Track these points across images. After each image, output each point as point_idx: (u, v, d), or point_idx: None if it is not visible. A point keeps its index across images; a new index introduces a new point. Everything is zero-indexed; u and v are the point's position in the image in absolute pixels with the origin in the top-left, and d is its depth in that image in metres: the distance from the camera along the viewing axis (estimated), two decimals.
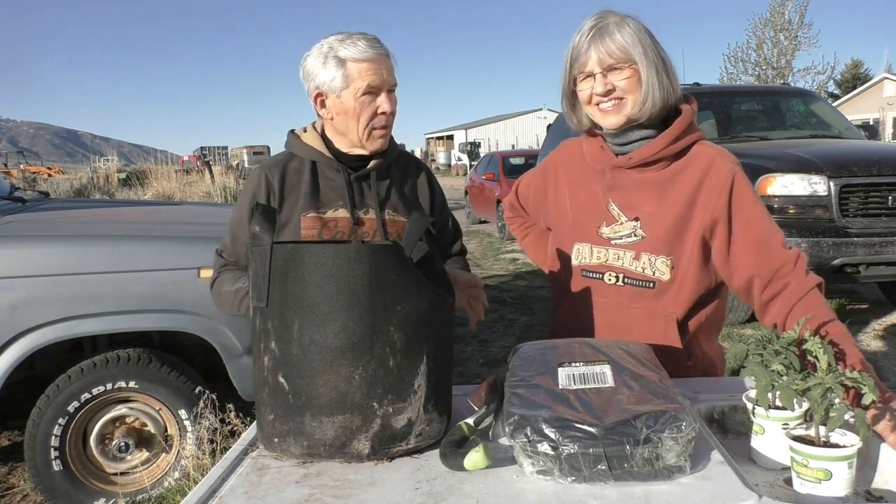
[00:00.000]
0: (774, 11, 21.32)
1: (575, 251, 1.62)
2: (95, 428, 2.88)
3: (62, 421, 2.77)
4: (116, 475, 2.91)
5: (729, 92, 7.65)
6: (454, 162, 45.59)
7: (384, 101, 1.63)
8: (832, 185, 4.85)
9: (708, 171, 1.49)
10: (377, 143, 1.68)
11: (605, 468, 0.98)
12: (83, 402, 2.80)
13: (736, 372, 1.32)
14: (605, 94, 1.47)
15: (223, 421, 2.70)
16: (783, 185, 4.92)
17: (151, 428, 2.94)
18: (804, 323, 1.24)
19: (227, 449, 1.21)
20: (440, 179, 1.89)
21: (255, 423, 1.19)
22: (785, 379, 1.10)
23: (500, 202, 12.23)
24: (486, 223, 14.61)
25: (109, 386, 2.82)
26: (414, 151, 56.94)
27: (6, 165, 34.13)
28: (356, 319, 1.05)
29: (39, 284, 2.70)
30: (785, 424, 1.12)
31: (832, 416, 1.02)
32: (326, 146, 1.71)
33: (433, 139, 67.48)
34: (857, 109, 29.28)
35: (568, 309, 1.66)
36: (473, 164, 22.08)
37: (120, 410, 2.89)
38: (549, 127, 10.09)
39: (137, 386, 2.84)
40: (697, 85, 7.13)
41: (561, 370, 1.14)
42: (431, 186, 1.87)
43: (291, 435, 1.07)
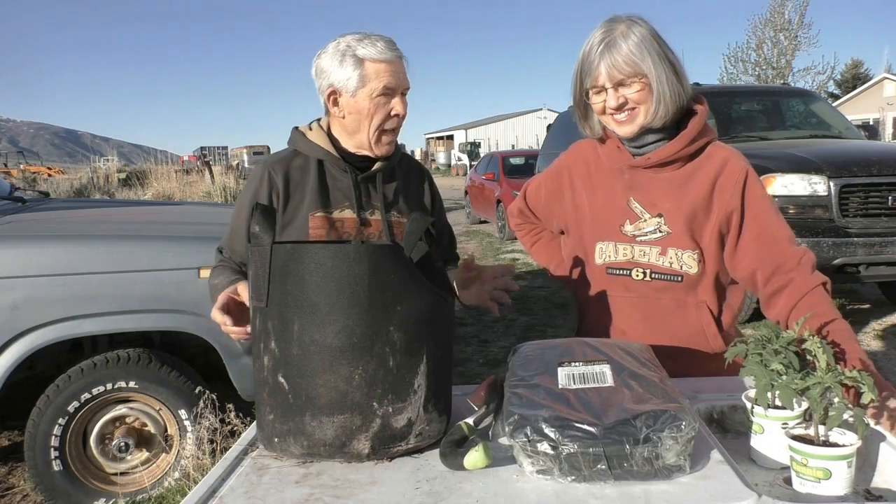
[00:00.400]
0: (774, 11, 21.33)
1: (598, 250, 1.63)
2: (95, 428, 2.88)
3: (62, 421, 2.77)
4: (116, 475, 2.91)
5: (729, 92, 7.65)
6: (454, 162, 45.59)
7: (398, 103, 1.63)
8: (832, 185, 4.85)
9: (722, 169, 1.55)
10: (384, 148, 1.68)
11: (604, 468, 0.98)
12: (83, 402, 2.80)
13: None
14: (617, 107, 1.51)
15: (223, 421, 2.70)
16: (783, 185, 4.92)
17: (151, 428, 2.94)
18: (807, 320, 1.28)
19: (227, 449, 1.21)
20: (440, 179, 1.90)
21: (255, 423, 1.19)
22: (784, 378, 1.10)
23: (500, 202, 12.23)
24: (486, 223, 14.62)
25: (109, 386, 2.82)
26: (414, 152, 56.94)
27: (6, 165, 34.14)
28: (356, 319, 1.05)
29: (39, 284, 2.70)
30: (784, 424, 1.12)
31: (831, 415, 1.02)
32: (333, 145, 1.70)
33: (433, 139, 67.48)
34: (857, 109, 29.28)
35: (600, 308, 1.65)
36: (473, 164, 22.08)
37: (120, 410, 2.90)
38: (549, 127, 10.09)
39: (137, 386, 2.85)
40: (697, 85, 7.13)
41: (561, 370, 1.14)
42: (432, 190, 1.89)
43: (291, 435, 1.08)
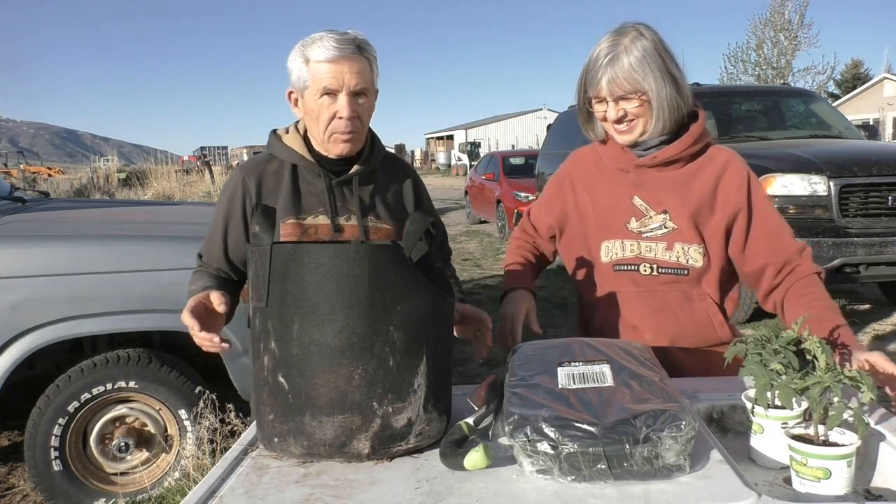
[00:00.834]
0: (774, 11, 21.32)
1: (604, 249, 1.67)
2: (95, 428, 2.88)
3: (62, 421, 2.77)
4: (116, 475, 2.91)
5: (729, 92, 7.65)
6: (454, 162, 45.57)
7: (343, 105, 1.55)
8: (832, 185, 4.85)
9: (725, 169, 1.61)
10: (339, 147, 1.61)
11: (604, 467, 0.98)
12: (83, 402, 2.79)
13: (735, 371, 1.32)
14: (617, 120, 1.56)
15: (223, 421, 2.70)
16: (783, 185, 4.92)
17: (151, 428, 2.94)
18: (798, 298, 1.51)
19: (227, 449, 1.21)
20: (440, 180, 1.87)
21: (255, 423, 1.19)
22: (784, 378, 1.10)
23: (500, 202, 12.22)
24: (486, 223, 14.61)
25: (109, 386, 2.81)
26: (414, 152, 56.86)
27: (6, 165, 34.13)
28: (356, 319, 1.05)
29: (39, 284, 2.70)
30: (784, 423, 1.12)
31: (831, 414, 1.02)
32: (309, 149, 1.66)
33: (433, 139, 67.47)
34: (857, 109, 29.27)
35: (609, 305, 1.68)
36: (473, 164, 22.07)
37: (120, 410, 2.89)
38: (549, 127, 10.08)
39: (137, 386, 2.84)
40: (697, 85, 7.13)
41: (560, 370, 1.15)
42: (417, 191, 1.80)
43: (291, 435, 1.08)
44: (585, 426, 0.99)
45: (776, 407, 1.14)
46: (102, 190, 16.32)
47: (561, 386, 1.10)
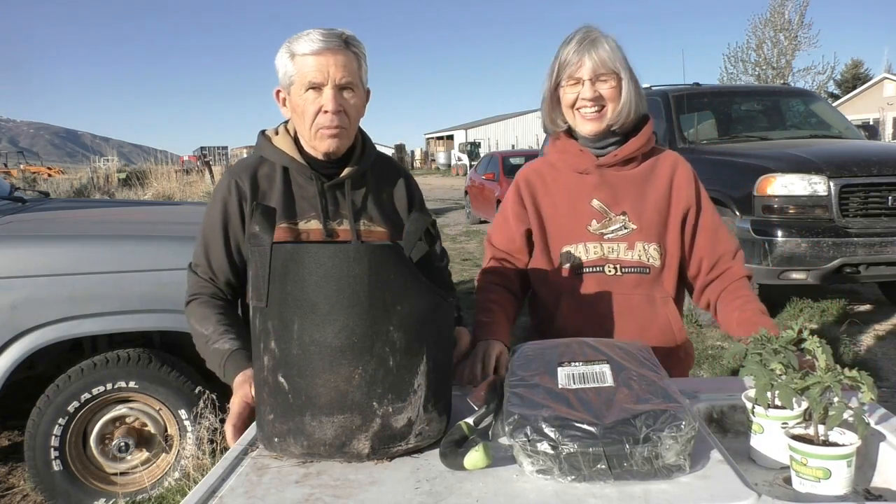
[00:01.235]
0: (774, 11, 21.32)
1: (565, 254, 1.69)
2: (95, 428, 2.87)
3: (62, 421, 2.77)
4: (116, 475, 2.91)
5: (729, 92, 7.66)
6: (454, 162, 45.54)
7: (328, 98, 1.50)
8: (832, 185, 4.84)
9: (675, 167, 1.72)
10: (325, 143, 1.56)
11: (604, 467, 0.98)
12: (83, 402, 2.79)
13: (735, 371, 1.32)
14: (592, 99, 1.61)
15: (223, 421, 2.70)
16: (783, 185, 4.92)
17: (151, 428, 2.94)
18: (732, 301, 1.63)
19: (227, 449, 1.21)
20: (440, 179, 1.85)
21: (255, 422, 1.19)
22: (784, 378, 1.10)
23: (500, 202, 12.21)
24: (486, 223, 14.62)
25: (109, 386, 2.81)
26: (414, 152, 56.78)
27: (6, 165, 34.12)
28: (356, 319, 1.05)
29: (39, 284, 2.70)
30: (784, 423, 1.12)
31: (831, 414, 1.02)
32: (300, 151, 1.62)
33: (433, 139, 67.46)
34: (857, 109, 29.26)
35: (571, 309, 1.69)
36: (473, 164, 22.06)
37: (120, 410, 2.89)
38: None
39: (137, 386, 2.84)
40: (697, 85, 7.13)
41: (560, 370, 1.15)
42: (410, 192, 1.76)
43: (291, 435, 1.08)
44: (585, 426, 0.99)
45: (776, 407, 1.14)
46: (102, 190, 16.32)
47: (561, 386, 1.10)
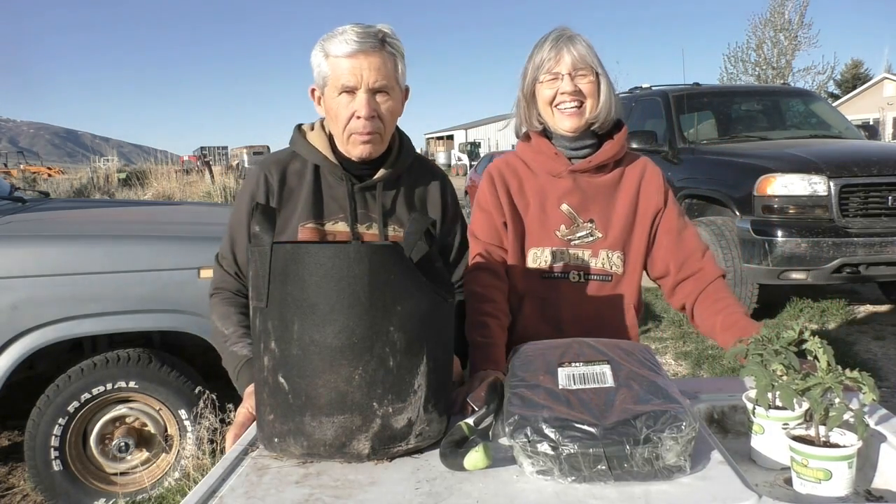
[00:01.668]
0: (774, 11, 21.30)
1: (532, 255, 1.68)
2: (95, 428, 2.87)
3: (62, 421, 2.77)
4: (116, 475, 2.91)
5: (729, 92, 7.66)
6: (454, 162, 45.52)
7: (361, 103, 1.46)
8: (832, 185, 4.84)
9: (644, 171, 1.73)
10: (358, 149, 1.52)
11: (604, 468, 0.98)
12: (83, 402, 2.79)
13: (735, 371, 1.32)
14: (571, 93, 1.60)
15: (223, 421, 2.70)
16: (783, 185, 4.91)
17: (151, 428, 2.94)
18: (712, 303, 1.61)
19: (226, 449, 1.21)
20: None
21: (255, 422, 1.19)
22: (785, 379, 1.10)
23: None
24: None
25: (109, 386, 2.81)
26: None
27: (6, 165, 34.10)
28: (356, 319, 1.05)
29: (39, 284, 2.70)
30: (785, 424, 1.12)
31: (832, 415, 1.02)
32: (333, 149, 1.58)
33: (433, 139, 67.45)
34: (857, 109, 29.26)
35: (534, 311, 1.68)
36: (473, 164, 22.04)
37: (120, 410, 2.89)
38: None
39: (137, 386, 2.84)
40: (697, 85, 7.13)
41: (561, 370, 1.14)
42: (445, 196, 1.70)
43: (291, 435, 1.07)
44: (586, 427, 0.99)
45: (777, 408, 1.14)
46: (102, 190, 16.30)
47: (561, 386, 1.10)
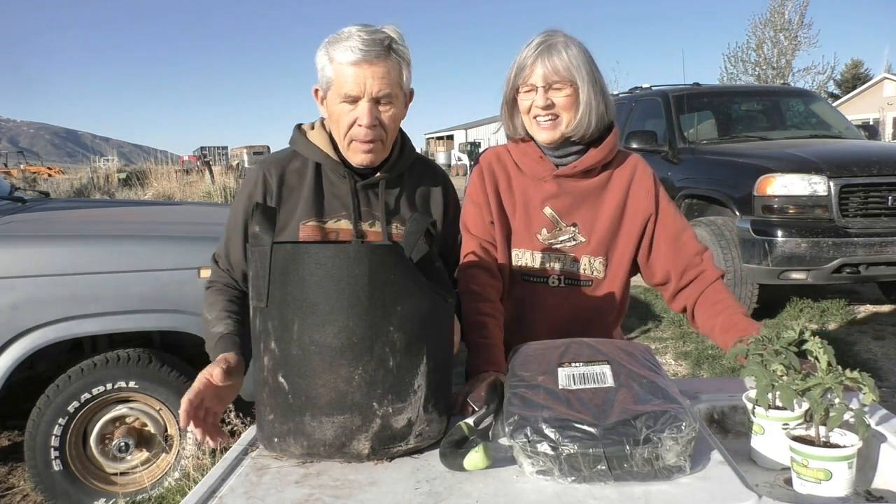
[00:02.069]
0: (774, 11, 21.29)
1: (514, 256, 1.67)
2: (95, 428, 2.87)
3: (62, 421, 2.77)
4: (116, 475, 2.91)
5: (729, 92, 7.66)
6: (454, 162, 45.49)
7: (363, 112, 1.45)
8: (832, 185, 4.84)
9: (633, 176, 1.68)
10: (358, 156, 1.52)
11: (604, 468, 0.98)
12: (83, 402, 2.79)
13: (735, 372, 1.32)
14: (544, 107, 1.56)
15: (223, 421, 2.69)
16: (783, 185, 4.91)
17: (151, 428, 2.93)
18: (711, 305, 1.59)
19: (227, 449, 1.21)
20: None
21: (255, 423, 1.19)
22: (785, 379, 1.10)
23: None
24: None
25: (109, 386, 2.81)
26: None
27: (6, 165, 34.09)
28: (356, 319, 1.05)
29: (39, 284, 2.69)
30: (785, 424, 1.12)
31: (832, 416, 1.02)
32: (335, 147, 1.57)
33: (433, 139, 67.46)
34: (857, 109, 29.26)
35: (511, 313, 1.67)
36: (473, 164, 22.03)
37: (120, 410, 2.89)
38: None
39: (137, 386, 2.84)
40: (697, 85, 7.13)
41: (561, 370, 1.14)
42: (447, 197, 1.70)
43: (291, 435, 1.07)
44: (586, 427, 0.99)
45: (777, 408, 1.14)
46: (102, 190, 16.30)
47: (561, 386, 1.10)
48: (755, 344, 1.19)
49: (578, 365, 1.16)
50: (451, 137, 62.79)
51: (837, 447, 1.02)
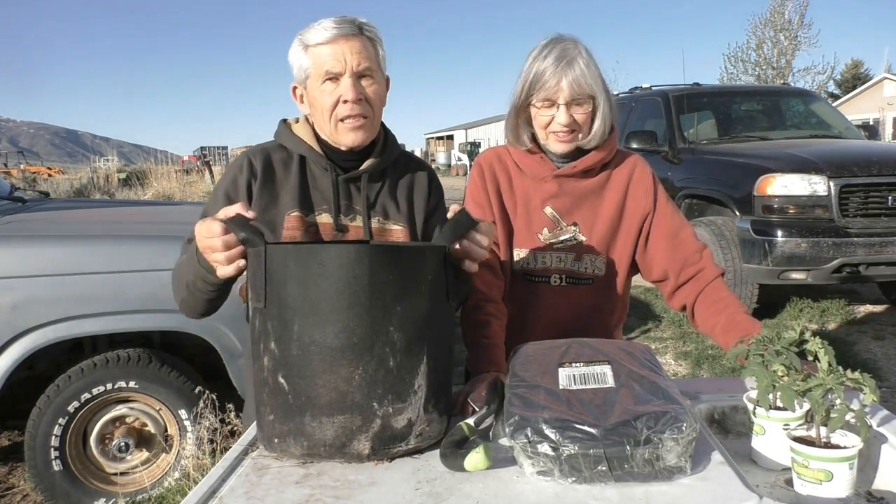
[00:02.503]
0: (774, 11, 21.30)
1: (515, 255, 1.67)
2: (95, 428, 2.87)
3: (62, 421, 2.77)
4: (116, 475, 2.91)
5: (729, 92, 7.66)
6: (454, 162, 45.51)
7: (347, 87, 1.44)
8: (832, 185, 4.84)
9: (632, 175, 1.69)
10: (349, 136, 1.49)
11: (605, 469, 0.98)
12: (83, 402, 2.79)
13: (736, 372, 1.32)
14: (565, 124, 1.55)
15: (223, 421, 2.70)
16: (783, 185, 4.91)
17: (151, 428, 2.94)
18: (712, 304, 1.58)
19: (227, 449, 1.21)
20: (440, 179, 1.80)
21: (255, 423, 1.19)
22: (786, 379, 1.10)
23: None
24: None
25: (109, 386, 2.81)
26: (414, 151, 56.77)
27: (6, 165, 34.07)
28: (356, 320, 1.05)
29: (39, 284, 2.69)
30: (786, 425, 1.12)
31: (833, 416, 1.02)
32: (319, 141, 1.56)
33: (433, 139, 67.46)
34: (857, 109, 29.26)
35: (514, 314, 1.67)
36: (473, 163, 22.01)
37: (120, 410, 2.89)
38: None
39: (137, 386, 2.84)
40: (697, 85, 7.13)
41: (561, 371, 1.14)
42: (431, 191, 1.68)
43: (291, 435, 1.07)
44: (586, 427, 0.99)
45: (778, 408, 1.14)
46: (102, 190, 16.29)
47: (562, 387, 1.10)
48: (756, 344, 1.19)
49: (579, 365, 1.15)
50: (451, 137, 62.79)
51: (838, 448, 1.02)
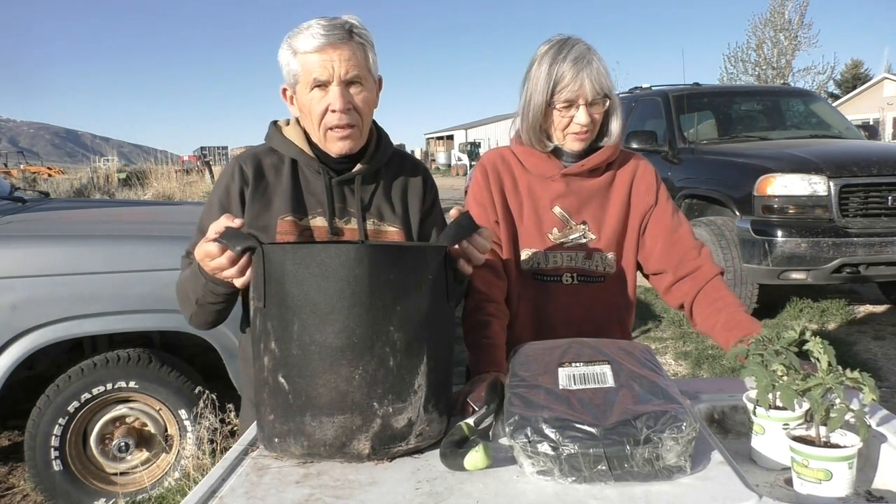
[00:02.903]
0: (774, 11, 21.28)
1: (525, 255, 1.68)
2: (95, 428, 2.87)
3: (62, 421, 2.77)
4: (116, 475, 2.91)
5: (729, 92, 7.66)
6: (454, 162, 45.53)
7: (335, 96, 1.42)
8: (832, 185, 4.84)
9: (636, 170, 1.72)
10: (336, 145, 1.49)
11: (605, 468, 0.98)
12: (83, 402, 2.79)
13: (736, 372, 1.32)
14: (584, 124, 1.57)
15: (223, 421, 2.70)
16: (783, 185, 4.91)
17: (151, 428, 2.94)
18: (711, 302, 1.58)
19: (227, 449, 1.21)
20: (440, 180, 1.81)
21: (255, 422, 1.19)
22: (785, 379, 1.10)
23: None
24: None
25: (109, 386, 2.81)
26: (414, 151, 56.88)
27: (6, 165, 34.06)
28: (356, 319, 1.05)
29: (39, 284, 2.69)
30: (785, 425, 1.12)
31: (832, 416, 1.02)
32: (310, 144, 1.55)
33: (433, 139, 67.47)
34: (857, 109, 29.25)
35: (528, 313, 1.68)
36: (473, 163, 22.03)
37: (120, 410, 2.89)
38: None
39: (137, 386, 2.84)
40: (697, 85, 7.13)
41: (561, 370, 1.14)
42: (426, 194, 1.66)
43: (291, 435, 1.07)
44: (586, 427, 0.99)
45: (777, 408, 1.14)
46: (102, 190, 16.28)
47: (562, 387, 1.10)
48: (755, 344, 1.19)
49: (579, 365, 1.16)
50: (451, 137, 62.80)
51: (838, 447, 1.02)
